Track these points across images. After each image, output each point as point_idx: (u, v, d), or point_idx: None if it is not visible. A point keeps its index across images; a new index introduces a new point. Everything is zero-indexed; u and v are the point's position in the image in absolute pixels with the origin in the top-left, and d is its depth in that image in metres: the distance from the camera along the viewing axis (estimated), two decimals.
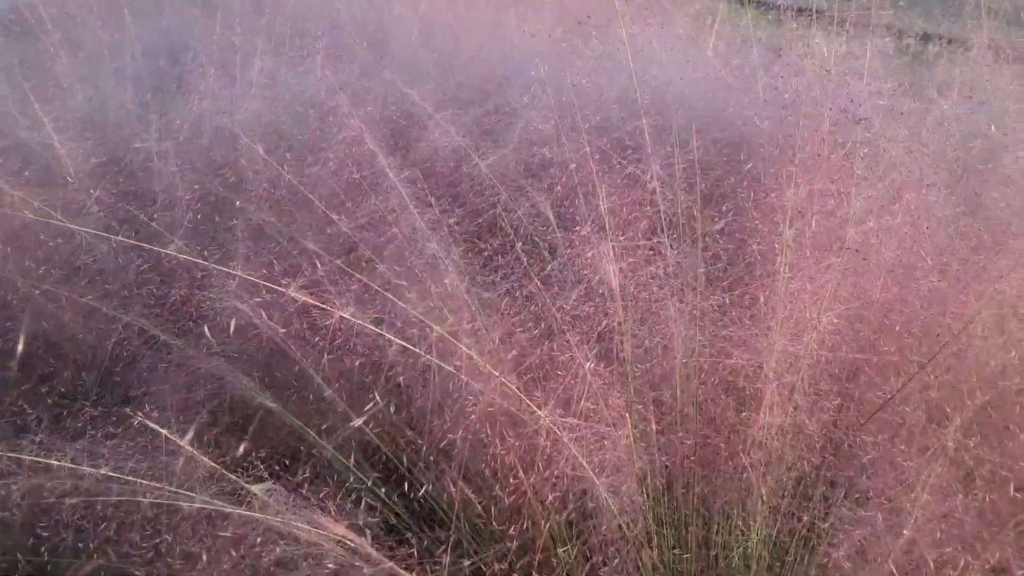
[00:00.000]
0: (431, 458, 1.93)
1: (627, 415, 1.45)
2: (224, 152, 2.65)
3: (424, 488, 1.96)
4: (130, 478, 1.55)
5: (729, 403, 1.55)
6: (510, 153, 2.62)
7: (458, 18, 3.84)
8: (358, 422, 1.71)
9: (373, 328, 1.64)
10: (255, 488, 1.66)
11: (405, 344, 1.63)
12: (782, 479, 1.48)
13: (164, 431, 1.56)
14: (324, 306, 1.63)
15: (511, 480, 1.76)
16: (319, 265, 1.93)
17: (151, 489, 1.54)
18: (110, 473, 1.53)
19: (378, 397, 1.85)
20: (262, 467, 1.72)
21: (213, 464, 1.62)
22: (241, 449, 1.78)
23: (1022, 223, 1.82)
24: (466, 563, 1.64)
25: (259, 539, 1.55)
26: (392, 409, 1.94)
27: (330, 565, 1.53)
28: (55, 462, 1.51)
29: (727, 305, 1.62)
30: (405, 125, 2.73)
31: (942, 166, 2.00)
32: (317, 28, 3.34)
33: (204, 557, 1.53)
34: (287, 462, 1.84)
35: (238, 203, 2.38)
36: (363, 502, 1.74)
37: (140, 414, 1.56)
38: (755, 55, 2.77)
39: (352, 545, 1.48)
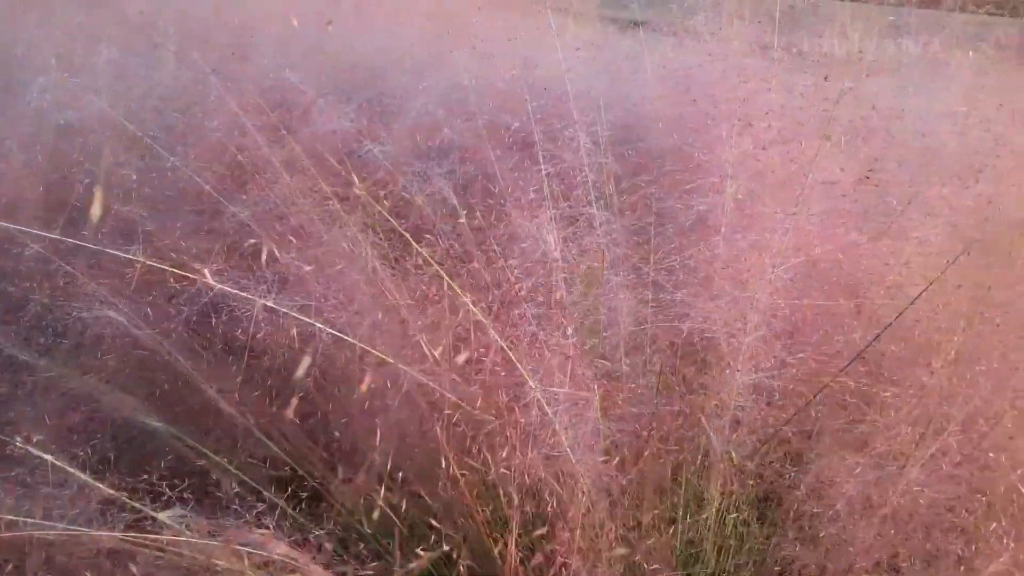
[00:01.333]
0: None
1: (595, 387, 1.34)
2: (75, 148, 2.33)
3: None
4: (10, 517, 1.28)
5: (686, 369, 1.49)
6: (404, 138, 2.47)
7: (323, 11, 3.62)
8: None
9: (300, 316, 1.45)
10: (163, 516, 1.43)
11: (337, 333, 1.45)
12: (746, 441, 1.43)
13: (49, 457, 1.31)
14: (244, 294, 1.42)
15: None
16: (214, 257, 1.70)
17: (37, 527, 1.28)
18: None
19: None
20: (170, 492, 1.47)
21: (112, 492, 1.37)
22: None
23: (924, 176, 1.86)
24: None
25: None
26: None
27: None
28: None
29: (676, 268, 1.55)
30: (284, 113, 2.52)
31: (841, 131, 2.03)
32: (168, 21, 3.04)
33: None
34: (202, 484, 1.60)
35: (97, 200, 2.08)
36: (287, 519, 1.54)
37: (19, 440, 1.29)
38: (641, 34, 2.77)
39: (295, 564, 1.29)
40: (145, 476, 1.64)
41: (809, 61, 2.49)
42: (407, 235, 1.61)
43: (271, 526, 1.29)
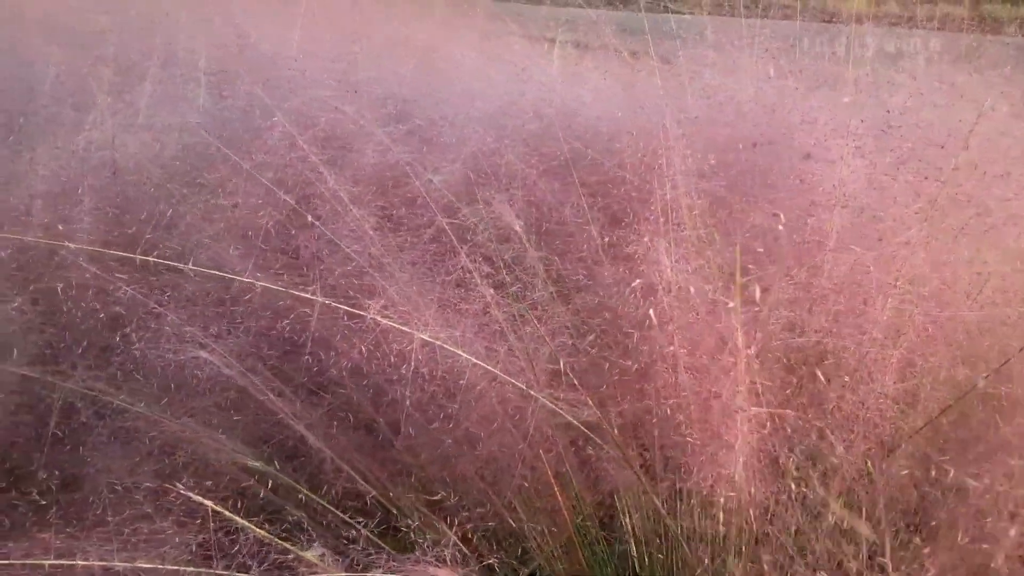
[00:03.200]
0: None
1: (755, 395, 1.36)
2: (129, 190, 2.29)
3: None
4: (171, 567, 1.25)
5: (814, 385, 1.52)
6: (459, 168, 2.48)
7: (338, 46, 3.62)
8: None
9: (453, 349, 1.45)
10: (308, 554, 1.41)
11: (482, 364, 1.45)
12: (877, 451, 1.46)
13: (208, 503, 1.28)
14: (403, 327, 1.42)
15: None
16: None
17: None
18: (152, 565, 1.22)
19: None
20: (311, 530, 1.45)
21: (264, 534, 1.35)
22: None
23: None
24: None
25: None
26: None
27: None
28: (80, 561, 1.18)
29: (795, 286, 1.59)
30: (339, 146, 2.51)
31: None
32: (192, 55, 3.01)
33: None
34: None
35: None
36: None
37: (180, 486, 1.26)
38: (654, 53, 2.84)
39: None
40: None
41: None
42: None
43: (447, 559, 1.28)
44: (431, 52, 3.88)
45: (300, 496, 1.84)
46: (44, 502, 1.40)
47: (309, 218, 1.82)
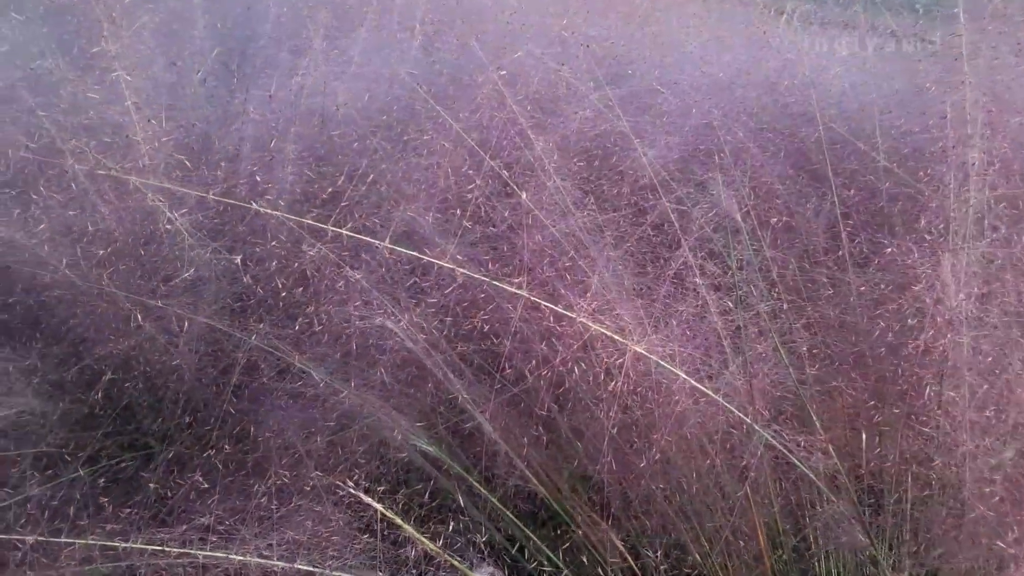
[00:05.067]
0: None
1: None
2: (334, 141, 2.21)
3: None
4: (334, 573, 1.11)
5: None
6: (676, 141, 2.19)
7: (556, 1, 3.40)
8: None
9: (667, 366, 1.21)
10: None
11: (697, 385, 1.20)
12: None
13: (379, 506, 1.13)
14: (617, 337, 1.20)
15: None
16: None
17: None
18: (310, 568, 1.09)
19: None
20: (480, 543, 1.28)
21: (434, 548, 1.19)
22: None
23: None
24: None
25: None
26: None
27: None
28: (235, 556, 1.07)
29: None
30: (548, 109, 2.30)
31: None
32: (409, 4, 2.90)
33: None
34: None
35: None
36: None
37: (350, 485, 1.13)
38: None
39: None
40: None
41: None
42: None
43: None
44: (655, 11, 3.59)
45: (466, 487, 1.69)
46: (206, 486, 1.31)
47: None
